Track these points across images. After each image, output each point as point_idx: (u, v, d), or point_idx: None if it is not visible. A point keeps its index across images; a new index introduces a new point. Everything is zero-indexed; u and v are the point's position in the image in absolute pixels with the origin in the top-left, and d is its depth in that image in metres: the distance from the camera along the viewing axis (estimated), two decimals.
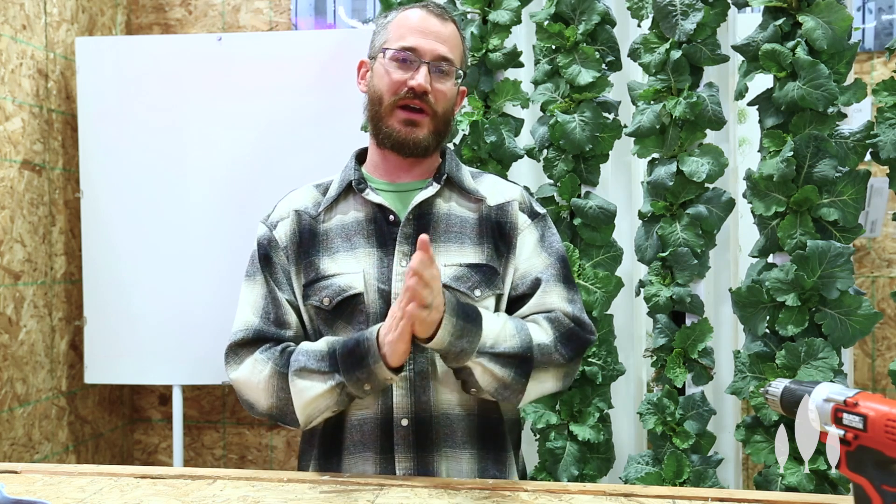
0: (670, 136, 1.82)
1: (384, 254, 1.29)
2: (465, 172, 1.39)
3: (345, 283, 1.28)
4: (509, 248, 1.34)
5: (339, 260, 1.30)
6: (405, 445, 1.25)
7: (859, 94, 1.68)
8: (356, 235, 1.31)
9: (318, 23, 2.92)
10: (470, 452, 1.29)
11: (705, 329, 1.81)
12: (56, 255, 2.61)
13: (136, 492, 1.12)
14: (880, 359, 2.72)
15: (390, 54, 1.31)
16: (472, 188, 1.36)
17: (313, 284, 1.30)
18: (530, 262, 1.33)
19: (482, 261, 1.31)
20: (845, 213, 1.68)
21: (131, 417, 3.04)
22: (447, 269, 1.28)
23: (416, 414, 1.26)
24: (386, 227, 1.31)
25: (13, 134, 2.40)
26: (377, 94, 1.33)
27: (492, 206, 1.36)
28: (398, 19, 1.35)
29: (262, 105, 2.47)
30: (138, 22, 2.99)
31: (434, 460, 1.26)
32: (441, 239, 1.31)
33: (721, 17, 1.80)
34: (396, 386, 1.25)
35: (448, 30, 1.34)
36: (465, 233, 1.32)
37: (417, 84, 1.28)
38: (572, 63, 1.88)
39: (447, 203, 1.34)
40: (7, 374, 2.36)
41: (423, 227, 1.31)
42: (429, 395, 1.27)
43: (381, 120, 1.32)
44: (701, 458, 1.81)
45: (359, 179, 1.34)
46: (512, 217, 1.35)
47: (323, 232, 1.33)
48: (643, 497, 1.11)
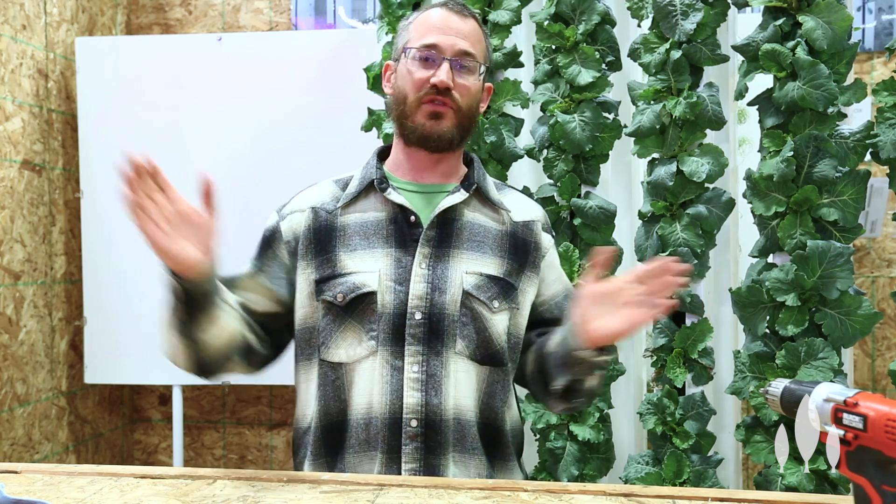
0: (670, 136, 1.82)
1: (402, 254, 1.29)
2: (490, 183, 1.40)
3: (359, 281, 1.27)
4: (533, 267, 1.36)
5: (356, 257, 1.29)
6: (413, 447, 1.25)
7: (859, 94, 1.68)
8: (375, 235, 1.31)
9: (318, 23, 2.92)
10: (479, 458, 1.29)
11: (705, 329, 1.82)
12: (56, 255, 2.61)
13: (136, 492, 1.12)
14: (880, 359, 2.72)
15: (412, 53, 1.31)
16: (497, 200, 1.37)
17: (329, 280, 1.29)
18: (553, 288, 1.39)
19: (501, 274, 1.31)
20: (845, 213, 1.68)
21: (131, 417, 3.04)
22: (468, 276, 1.29)
23: (426, 416, 1.25)
24: (406, 229, 1.31)
25: (13, 134, 2.40)
26: (402, 93, 1.33)
27: (517, 221, 1.37)
28: (419, 19, 1.35)
29: (262, 105, 2.47)
30: (138, 22, 2.99)
31: (441, 464, 1.26)
32: (464, 246, 1.31)
33: (721, 17, 1.80)
34: (408, 387, 1.25)
35: (469, 26, 1.34)
36: (486, 243, 1.32)
37: (440, 80, 1.28)
38: (572, 63, 1.88)
39: (472, 212, 1.34)
40: (7, 374, 2.36)
41: (446, 232, 1.31)
42: (440, 397, 1.26)
43: (406, 117, 1.32)
44: (701, 458, 1.81)
45: (381, 178, 1.34)
46: (536, 237, 1.37)
47: (341, 228, 1.32)
48: (643, 497, 1.11)
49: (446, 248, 1.30)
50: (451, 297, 1.27)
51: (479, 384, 1.29)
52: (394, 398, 1.25)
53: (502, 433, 1.32)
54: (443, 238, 1.30)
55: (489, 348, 1.29)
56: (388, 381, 1.26)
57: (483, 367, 1.29)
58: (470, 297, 1.28)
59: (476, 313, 1.28)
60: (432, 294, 1.27)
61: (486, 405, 1.29)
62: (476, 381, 1.29)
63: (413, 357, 1.25)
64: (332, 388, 1.29)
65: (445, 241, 1.31)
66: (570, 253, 1.87)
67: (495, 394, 1.31)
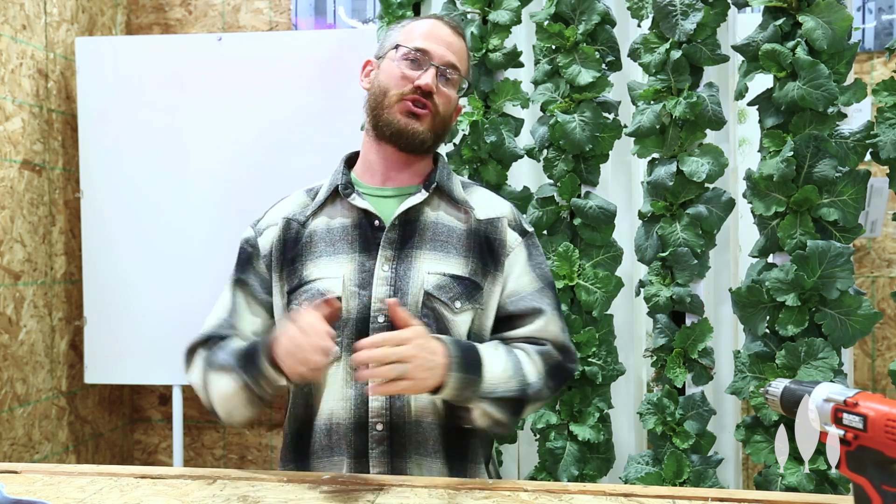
0: (670, 136, 1.82)
1: (366, 258, 1.29)
2: (456, 182, 1.39)
3: (324, 288, 1.28)
4: (497, 265, 1.34)
5: (320, 265, 1.30)
6: (380, 451, 1.25)
7: (859, 94, 1.68)
8: (340, 241, 1.31)
9: (318, 23, 2.92)
10: (441, 462, 1.28)
11: (705, 329, 1.81)
12: (56, 255, 2.61)
13: (136, 492, 1.12)
14: (880, 359, 2.72)
15: (402, 52, 1.33)
16: (461, 198, 1.36)
17: (296, 290, 1.30)
18: (520, 283, 1.35)
19: (465, 274, 1.30)
20: (845, 213, 1.68)
21: (131, 417, 3.04)
22: (430, 276, 1.28)
23: (390, 419, 1.26)
24: (370, 233, 1.31)
25: (13, 134, 2.40)
26: (383, 87, 1.33)
27: (480, 219, 1.36)
28: (414, 24, 1.37)
29: (262, 105, 2.47)
30: (138, 22, 2.99)
31: (406, 467, 1.26)
32: (426, 246, 1.30)
33: (721, 17, 1.80)
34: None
35: (459, 42, 1.37)
36: (450, 242, 1.32)
37: (425, 83, 1.30)
38: (572, 63, 1.88)
39: (435, 211, 1.34)
40: (7, 374, 2.36)
41: (408, 233, 1.31)
42: (403, 400, 1.26)
43: (382, 110, 1.33)
44: (701, 458, 1.81)
45: (346, 184, 1.35)
46: (501, 234, 1.36)
47: (308, 236, 1.33)
48: (643, 497, 1.11)
49: (409, 249, 1.30)
50: (412, 299, 1.27)
51: None
52: (359, 403, 1.26)
53: (466, 434, 1.31)
54: (405, 239, 1.30)
55: None
56: (352, 386, 1.26)
57: None
58: (431, 297, 1.27)
59: (438, 314, 1.28)
60: (394, 296, 1.26)
61: (450, 407, 1.27)
62: None
63: None
64: (301, 396, 1.32)
65: (408, 241, 1.30)
66: (570, 253, 1.87)
67: None
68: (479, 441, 1.34)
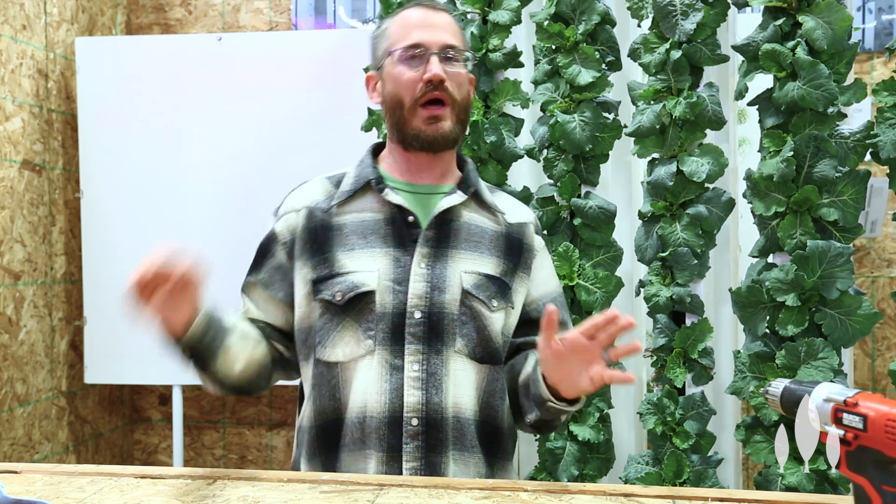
0: (670, 136, 1.82)
1: (401, 254, 1.29)
2: (484, 186, 1.41)
3: (358, 280, 1.27)
4: (525, 268, 1.37)
5: (354, 257, 1.29)
6: (414, 445, 1.25)
7: (859, 94, 1.68)
8: (373, 234, 1.31)
9: (318, 23, 2.92)
10: (479, 456, 1.29)
11: (705, 329, 1.82)
12: (56, 255, 2.61)
13: (136, 492, 1.12)
14: (880, 359, 2.72)
15: (398, 55, 1.31)
16: (491, 202, 1.38)
17: (327, 280, 1.29)
18: (545, 289, 1.39)
19: (498, 273, 1.32)
20: (845, 213, 1.68)
21: (131, 417, 3.04)
22: (466, 275, 1.29)
23: (426, 414, 1.25)
24: (405, 229, 1.31)
25: (13, 134, 2.40)
26: (396, 98, 1.31)
27: (511, 223, 1.38)
28: (396, 22, 1.35)
29: (262, 105, 2.47)
30: (138, 22, 2.99)
31: (442, 462, 1.26)
32: (462, 246, 1.31)
33: (721, 17, 1.80)
34: (409, 385, 1.25)
35: (445, 19, 1.35)
36: (483, 243, 1.33)
37: (433, 74, 1.28)
38: (572, 63, 1.88)
39: (469, 213, 1.35)
40: (7, 374, 2.36)
41: (444, 232, 1.32)
42: (441, 396, 1.26)
43: (405, 123, 1.31)
44: (701, 458, 1.81)
45: (378, 178, 1.34)
46: (529, 238, 1.39)
47: (337, 227, 1.32)
48: (643, 497, 1.11)
49: (444, 249, 1.31)
50: (451, 296, 1.28)
51: (479, 382, 1.29)
52: (393, 397, 1.25)
53: (501, 431, 1.32)
54: (441, 238, 1.31)
55: (488, 347, 1.30)
56: (387, 380, 1.26)
57: (482, 365, 1.30)
58: (469, 295, 1.28)
59: (475, 312, 1.29)
60: (432, 293, 1.27)
61: (486, 403, 1.30)
62: (475, 379, 1.29)
63: (413, 356, 1.26)
64: (328, 388, 1.29)
65: (444, 241, 1.31)
66: (570, 253, 1.87)
67: (495, 392, 1.31)
68: (510, 436, 1.36)
